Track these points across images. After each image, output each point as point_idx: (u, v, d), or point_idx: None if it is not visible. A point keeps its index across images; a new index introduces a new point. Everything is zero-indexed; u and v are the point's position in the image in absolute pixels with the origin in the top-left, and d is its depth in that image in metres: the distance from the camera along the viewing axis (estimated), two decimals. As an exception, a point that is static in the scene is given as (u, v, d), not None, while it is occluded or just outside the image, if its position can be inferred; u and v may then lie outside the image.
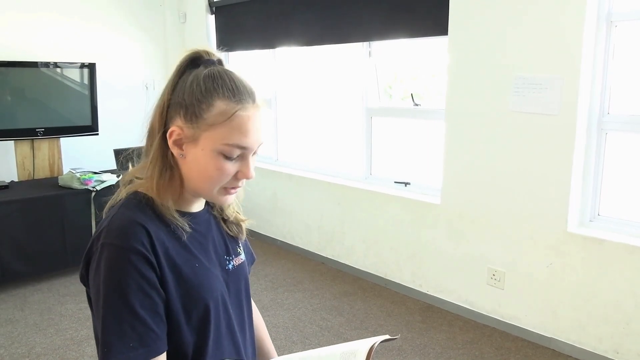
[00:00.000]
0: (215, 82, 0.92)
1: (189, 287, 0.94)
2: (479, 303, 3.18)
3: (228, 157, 0.93)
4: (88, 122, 4.42)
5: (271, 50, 4.51)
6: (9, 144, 4.19)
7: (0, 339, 3.01)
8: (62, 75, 4.34)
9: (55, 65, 4.29)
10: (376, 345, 1.00)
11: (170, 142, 0.94)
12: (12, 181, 4.15)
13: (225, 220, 1.13)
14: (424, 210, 3.41)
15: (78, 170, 4.03)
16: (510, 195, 2.94)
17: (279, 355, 1.20)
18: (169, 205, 0.95)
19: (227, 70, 0.95)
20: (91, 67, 4.38)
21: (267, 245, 4.57)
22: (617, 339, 2.64)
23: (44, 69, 4.24)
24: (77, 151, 4.56)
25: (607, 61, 2.65)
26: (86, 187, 3.87)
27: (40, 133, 4.17)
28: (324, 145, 4.52)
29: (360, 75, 3.86)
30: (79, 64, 4.38)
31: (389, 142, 3.87)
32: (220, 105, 0.91)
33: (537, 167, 2.81)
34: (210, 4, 4.90)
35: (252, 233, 4.67)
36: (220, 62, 0.98)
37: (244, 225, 1.17)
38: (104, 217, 0.97)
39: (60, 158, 4.39)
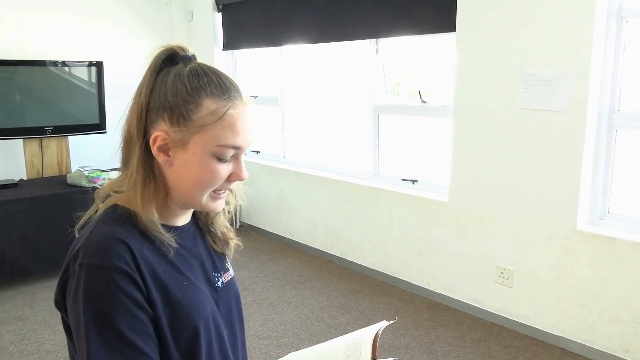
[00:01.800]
0: (201, 80, 0.85)
1: (177, 308, 0.86)
2: (487, 301, 3.17)
3: (221, 159, 0.86)
4: (96, 121, 4.43)
5: (278, 48, 4.51)
6: (18, 143, 4.22)
7: (9, 335, 3.04)
8: (70, 73, 4.36)
9: (63, 64, 4.31)
10: (380, 332, 0.98)
11: (154, 149, 0.86)
12: (21, 179, 4.18)
13: (211, 234, 1.04)
14: (432, 208, 3.39)
15: (86, 169, 4.05)
16: (518, 193, 2.92)
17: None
18: (154, 220, 0.87)
19: (209, 66, 0.89)
20: (99, 65, 4.40)
21: (274, 243, 4.57)
22: (627, 337, 2.61)
23: (52, 68, 4.26)
24: (85, 149, 4.58)
25: (617, 57, 2.62)
26: (94, 185, 3.89)
27: (48, 131, 4.19)
28: (331, 143, 4.51)
29: (367, 73, 3.85)
30: (87, 63, 4.40)
31: (396, 140, 3.86)
32: (209, 104, 0.84)
33: (546, 164, 2.79)
34: (217, 2, 4.90)
35: (258, 230, 4.64)
36: (194, 57, 0.91)
37: (232, 244, 1.07)
38: (76, 234, 0.90)
39: (68, 156, 4.41)
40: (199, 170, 0.86)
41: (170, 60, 0.89)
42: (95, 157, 4.58)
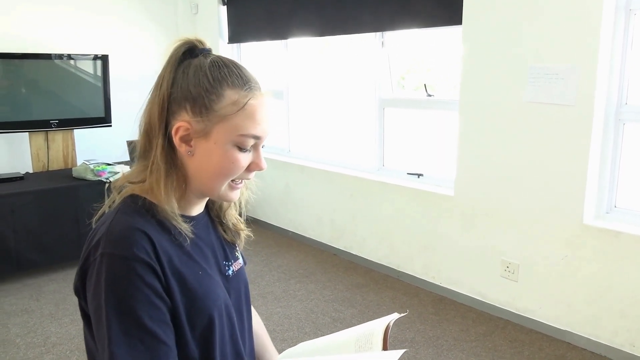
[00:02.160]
0: (222, 71, 0.88)
1: (193, 297, 0.89)
2: (493, 295, 3.16)
3: (242, 149, 0.89)
4: (101, 114, 4.44)
5: (283, 41, 4.49)
6: (24, 136, 4.23)
7: (16, 328, 3.06)
8: (75, 67, 4.37)
9: (69, 57, 4.31)
10: (391, 324, 1.00)
11: (176, 140, 0.88)
12: (26, 172, 4.19)
13: (222, 224, 1.06)
14: (437, 202, 3.38)
15: (92, 162, 4.06)
16: (525, 187, 2.91)
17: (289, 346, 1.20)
18: (174, 210, 0.88)
19: (229, 58, 0.91)
20: (104, 58, 4.40)
21: (279, 237, 4.58)
22: (633, 332, 2.60)
23: (57, 61, 4.27)
24: (91, 143, 4.60)
25: (625, 50, 2.59)
26: (100, 178, 3.90)
27: (54, 125, 4.20)
28: (336, 136, 4.50)
29: (372, 66, 3.83)
30: (92, 56, 4.40)
31: (401, 133, 3.85)
32: (231, 95, 0.87)
33: (552, 158, 2.78)
34: (222, -5, 4.89)
35: (263, 224, 4.63)
36: (211, 50, 0.93)
37: (243, 235, 1.09)
38: (94, 225, 0.91)
39: (74, 149, 4.43)
40: (220, 160, 0.88)
41: (190, 52, 0.91)
42: (101, 150, 4.60)
